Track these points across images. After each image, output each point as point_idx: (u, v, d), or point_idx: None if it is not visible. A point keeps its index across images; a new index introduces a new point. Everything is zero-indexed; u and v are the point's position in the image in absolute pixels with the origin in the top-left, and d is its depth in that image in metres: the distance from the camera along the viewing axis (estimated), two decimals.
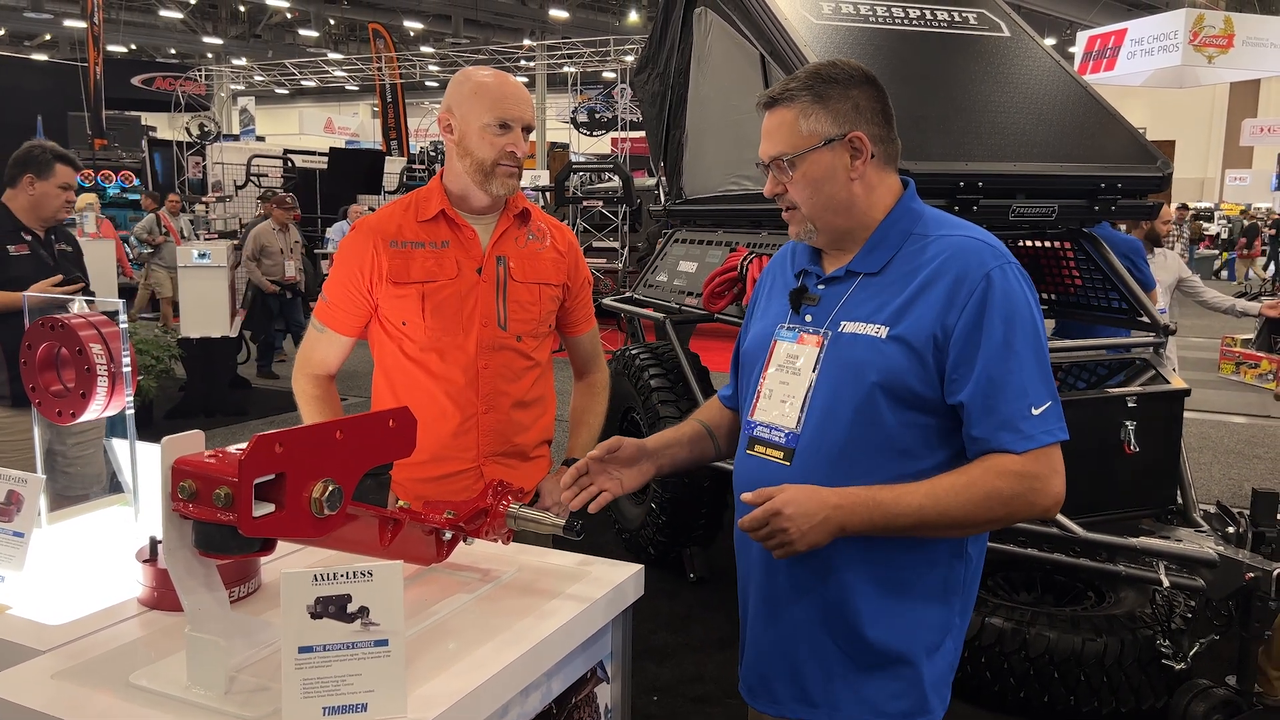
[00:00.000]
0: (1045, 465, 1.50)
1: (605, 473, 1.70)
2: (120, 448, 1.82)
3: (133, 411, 1.73)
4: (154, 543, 1.47)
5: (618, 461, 1.72)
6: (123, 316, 1.73)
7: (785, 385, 1.65)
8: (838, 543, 1.55)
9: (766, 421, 1.66)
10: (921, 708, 1.60)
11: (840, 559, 1.58)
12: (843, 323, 1.60)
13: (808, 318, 1.66)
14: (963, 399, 1.51)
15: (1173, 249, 15.78)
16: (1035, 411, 1.49)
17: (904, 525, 1.50)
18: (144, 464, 1.79)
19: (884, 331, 1.54)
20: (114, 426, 1.82)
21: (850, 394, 1.56)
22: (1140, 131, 3.91)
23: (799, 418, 1.61)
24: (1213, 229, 26.25)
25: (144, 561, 1.48)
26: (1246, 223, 22.12)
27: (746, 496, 1.52)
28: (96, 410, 1.72)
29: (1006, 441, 1.49)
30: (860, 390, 1.55)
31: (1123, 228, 5.45)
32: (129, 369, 1.71)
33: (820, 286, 1.67)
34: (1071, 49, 20.10)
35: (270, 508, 1.15)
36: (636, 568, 1.66)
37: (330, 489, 1.20)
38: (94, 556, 1.73)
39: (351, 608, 1.13)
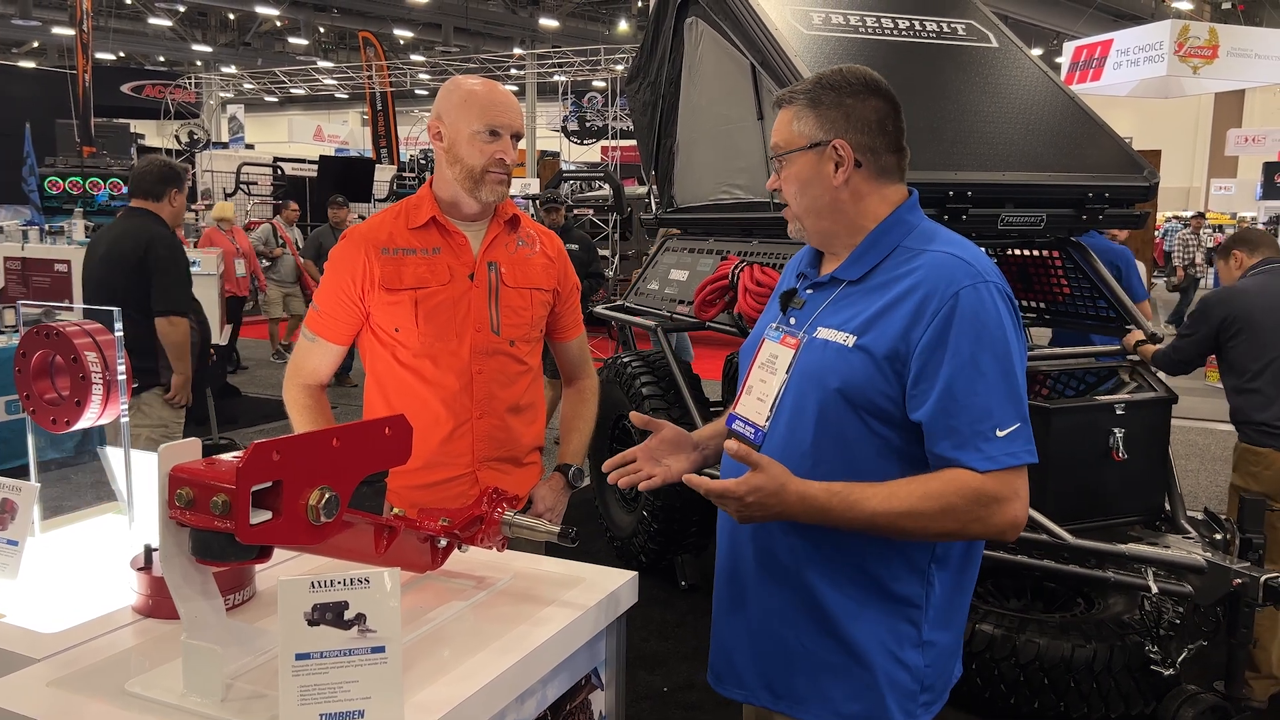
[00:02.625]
0: (1006, 488, 1.47)
1: (652, 459, 1.74)
2: (114, 456, 1.82)
3: (127, 420, 1.73)
4: (149, 550, 1.48)
5: (665, 446, 1.75)
6: (118, 324, 1.73)
7: (764, 384, 1.68)
8: (804, 542, 1.58)
9: (743, 416, 1.69)
10: (879, 713, 1.59)
11: (805, 558, 1.60)
12: (818, 328, 1.62)
13: (792, 320, 1.69)
14: (923, 417, 1.50)
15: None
16: (1000, 433, 1.46)
17: (855, 529, 1.51)
18: (138, 472, 1.79)
19: (851, 340, 1.55)
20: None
21: (814, 398, 1.57)
22: (1127, 141, 3.95)
23: (768, 416, 1.64)
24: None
25: (139, 569, 1.49)
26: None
27: (729, 445, 1.49)
28: (91, 418, 1.72)
29: (969, 460, 1.47)
30: (824, 395, 1.56)
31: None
32: (124, 377, 1.71)
33: (808, 291, 1.70)
34: (1058, 59, 20.25)
35: (267, 515, 1.15)
36: (631, 575, 1.67)
37: (327, 497, 1.20)
38: (88, 564, 1.73)
39: (348, 615, 1.13)
